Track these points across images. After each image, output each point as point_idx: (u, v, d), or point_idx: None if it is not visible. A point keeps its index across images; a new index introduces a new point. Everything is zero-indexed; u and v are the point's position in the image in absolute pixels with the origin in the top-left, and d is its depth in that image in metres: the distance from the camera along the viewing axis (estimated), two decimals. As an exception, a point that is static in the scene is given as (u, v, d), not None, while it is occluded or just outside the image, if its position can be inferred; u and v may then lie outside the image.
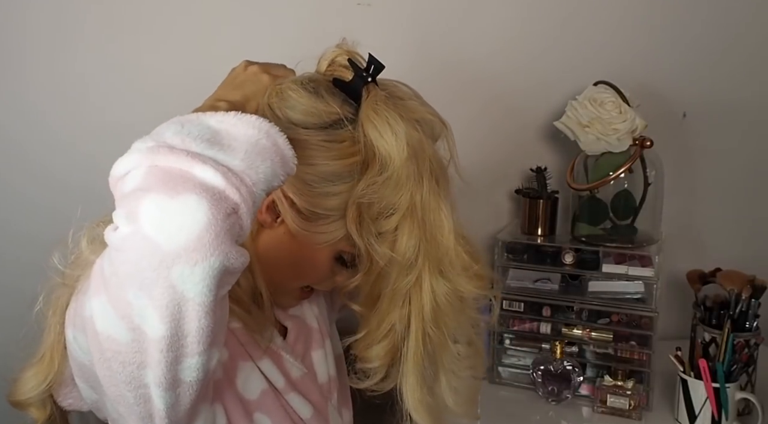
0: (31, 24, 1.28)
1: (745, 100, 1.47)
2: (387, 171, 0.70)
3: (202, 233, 0.52)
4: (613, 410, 1.21)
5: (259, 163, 0.58)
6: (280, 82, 0.75)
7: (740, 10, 1.44)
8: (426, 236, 0.72)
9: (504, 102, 1.44)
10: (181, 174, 0.54)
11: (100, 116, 1.32)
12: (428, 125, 0.74)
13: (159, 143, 0.56)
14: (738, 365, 1.15)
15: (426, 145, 0.72)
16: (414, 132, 0.71)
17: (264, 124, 0.60)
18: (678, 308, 1.42)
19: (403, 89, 0.77)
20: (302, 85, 0.74)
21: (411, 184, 0.70)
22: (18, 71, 1.29)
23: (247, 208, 0.56)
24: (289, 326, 0.88)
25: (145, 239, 0.52)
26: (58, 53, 1.30)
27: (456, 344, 0.78)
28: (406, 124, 0.70)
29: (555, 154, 1.44)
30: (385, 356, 0.76)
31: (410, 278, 0.73)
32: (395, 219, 0.71)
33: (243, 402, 0.76)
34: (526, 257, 1.33)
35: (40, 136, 1.31)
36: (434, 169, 0.72)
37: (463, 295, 0.75)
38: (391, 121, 0.70)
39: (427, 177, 0.71)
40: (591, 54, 1.43)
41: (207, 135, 0.57)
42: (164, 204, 0.53)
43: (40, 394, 0.71)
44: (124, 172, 0.57)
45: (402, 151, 0.69)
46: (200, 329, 0.55)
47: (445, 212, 0.72)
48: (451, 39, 1.41)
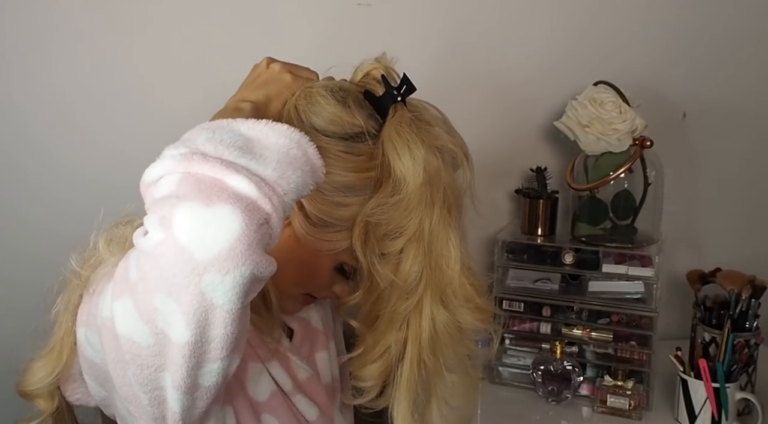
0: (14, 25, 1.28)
1: (745, 100, 1.47)
2: (399, 193, 0.70)
3: (235, 243, 0.53)
4: (613, 410, 1.21)
5: (290, 173, 0.59)
6: (311, 85, 0.75)
7: (740, 10, 1.44)
8: (431, 263, 0.71)
9: (504, 102, 1.44)
10: (215, 183, 0.55)
11: (119, 112, 1.32)
12: (449, 154, 0.74)
13: (192, 150, 0.56)
14: (738, 365, 1.15)
15: (443, 174, 0.71)
16: (433, 159, 0.70)
17: (295, 133, 0.60)
18: (678, 308, 1.42)
19: (432, 113, 0.77)
20: (332, 93, 0.73)
21: (421, 210, 0.70)
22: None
23: (278, 218, 0.57)
24: (295, 328, 0.88)
25: (177, 247, 0.53)
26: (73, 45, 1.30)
27: (451, 374, 0.78)
28: (426, 150, 0.70)
29: (555, 154, 1.44)
30: (379, 377, 0.76)
31: (410, 302, 0.73)
32: (401, 242, 0.71)
33: (252, 404, 0.77)
34: (526, 257, 1.33)
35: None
36: (448, 198, 0.72)
37: (463, 326, 0.75)
38: (411, 145, 0.69)
39: (439, 205, 0.70)
40: (591, 54, 1.43)
41: (239, 143, 0.57)
42: (199, 213, 0.53)
43: (47, 386, 0.72)
44: (156, 177, 0.57)
45: (417, 177, 0.69)
46: (225, 335, 0.56)
47: (454, 242, 0.71)
48: (451, 39, 1.41)
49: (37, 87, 1.30)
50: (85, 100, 1.31)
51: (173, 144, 0.58)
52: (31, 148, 1.30)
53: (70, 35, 1.29)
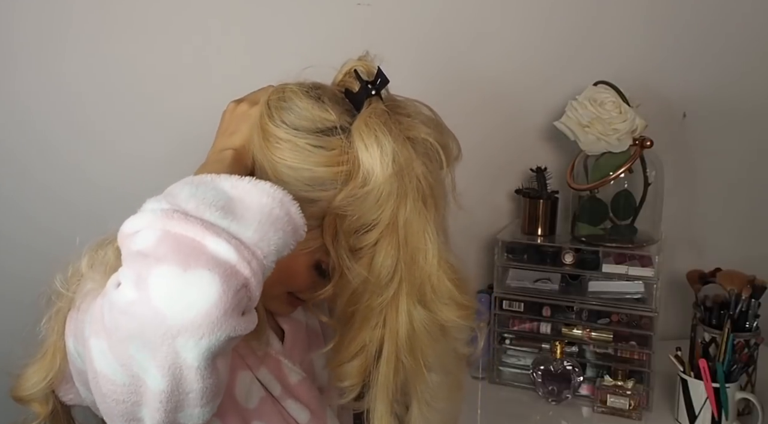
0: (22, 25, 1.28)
1: (745, 100, 1.47)
2: (368, 185, 0.68)
3: (211, 309, 0.52)
4: (613, 410, 1.21)
5: (271, 235, 0.58)
6: (285, 84, 0.74)
7: (740, 10, 1.44)
8: (405, 257, 0.69)
9: (504, 102, 1.44)
10: (194, 245, 0.54)
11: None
12: (423, 146, 0.71)
13: (173, 207, 0.56)
14: (738, 365, 1.15)
15: (416, 164, 0.69)
16: (404, 149, 0.68)
17: (278, 192, 0.60)
18: (678, 308, 1.42)
19: (415, 107, 0.75)
20: (305, 89, 0.73)
21: (392, 202, 0.68)
22: (9, 73, 1.29)
23: (257, 282, 0.56)
24: (287, 330, 0.87)
25: (152, 310, 0.52)
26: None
27: (432, 374, 0.75)
28: (396, 140, 0.68)
29: (555, 154, 1.44)
30: (358, 376, 0.74)
31: (384, 298, 0.70)
32: (372, 236, 0.69)
33: (241, 411, 0.76)
34: (526, 257, 1.33)
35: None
36: (422, 189, 0.69)
37: (443, 324, 0.72)
38: (379, 135, 0.68)
39: (412, 197, 0.68)
40: (591, 54, 1.43)
41: (221, 202, 0.57)
42: (175, 278, 0.53)
43: (42, 390, 0.71)
44: (135, 230, 0.56)
45: (386, 167, 0.67)
46: (203, 388, 0.55)
47: (430, 236, 0.69)
48: (451, 39, 1.41)
49: (44, 86, 1.29)
50: (93, 100, 1.31)
51: (155, 197, 0.57)
52: (40, 148, 1.30)
53: (79, 35, 1.29)
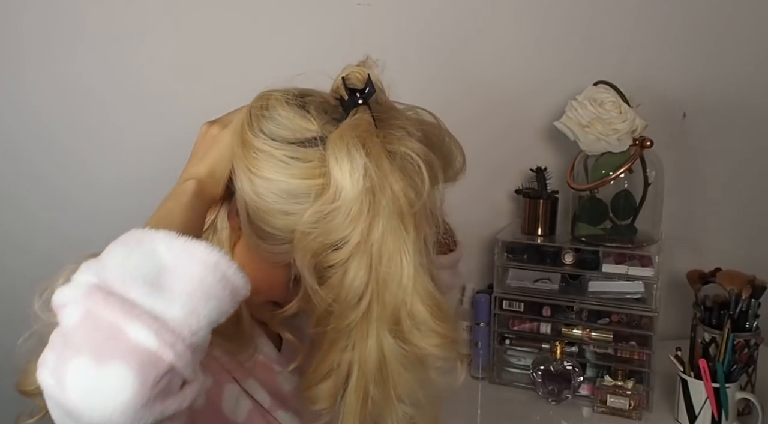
0: (30, 24, 1.28)
1: (745, 100, 1.47)
2: (337, 201, 0.63)
3: (127, 406, 0.51)
4: (613, 410, 1.21)
5: (201, 307, 0.55)
6: (271, 90, 0.71)
7: (740, 10, 1.44)
8: (377, 280, 0.64)
9: (504, 102, 1.44)
10: (112, 333, 0.52)
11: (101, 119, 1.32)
12: (404, 160, 0.65)
13: (100, 281, 0.54)
14: (738, 365, 1.15)
15: (393, 180, 0.64)
16: (381, 164, 0.63)
17: (212, 256, 0.56)
18: (678, 308, 1.42)
19: (405, 118, 0.70)
20: (291, 97, 0.69)
21: (364, 220, 0.63)
22: (15, 72, 1.29)
23: (185, 362, 0.54)
24: (286, 337, 0.84)
25: (69, 403, 0.51)
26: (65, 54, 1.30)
27: (403, 405, 0.70)
28: (372, 154, 0.63)
29: (555, 154, 1.44)
30: (329, 400, 0.70)
31: (351, 320, 0.65)
32: (341, 255, 0.64)
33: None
34: (526, 257, 1.33)
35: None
36: (400, 207, 0.64)
37: (418, 353, 0.67)
38: (351, 148, 0.63)
39: (387, 215, 0.63)
40: (591, 54, 1.43)
41: (150, 274, 0.55)
42: (89, 373, 0.51)
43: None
44: (63, 303, 0.55)
45: (356, 182, 0.62)
46: None
47: (407, 258, 0.64)
48: (451, 39, 1.41)
49: (51, 86, 1.30)
50: (100, 100, 1.32)
51: (91, 262, 0.56)
52: (46, 146, 1.31)
53: (86, 34, 1.30)
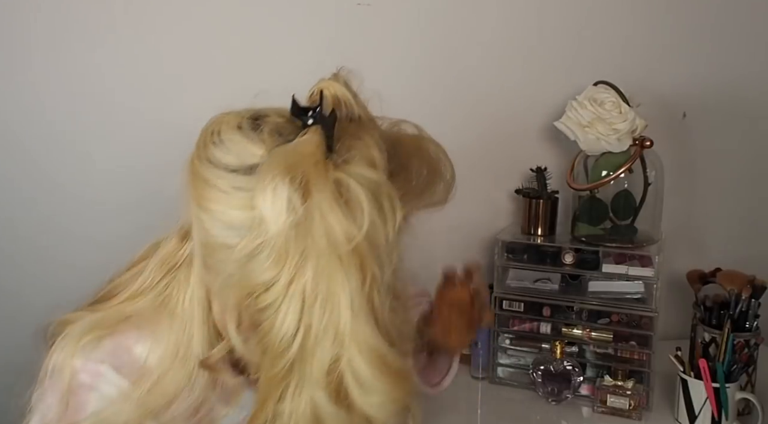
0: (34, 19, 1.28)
1: (745, 100, 1.47)
2: (261, 237, 0.56)
3: None
4: (613, 410, 1.21)
5: None
6: (228, 112, 0.65)
7: (741, 10, 1.44)
8: (309, 327, 0.56)
9: (504, 102, 1.44)
10: None
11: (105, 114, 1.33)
12: (351, 190, 0.56)
13: None
14: (738, 365, 1.15)
15: (329, 214, 0.55)
16: (315, 194, 0.55)
17: None
18: (678, 308, 1.42)
19: (370, 139, 0.60)
20: (244, 120, 0.62)
21: (291, 259, 0.55)
22: (18, 67, 1.30)
23: None
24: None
25: None
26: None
27: None
28: (304, 183, 0.55)
29: (555, 154, 1.44)
30: None
31: (279, 372, 0.58)
32: (269, 297, 0.57)
33: None
34: (526, 257, 1.33)
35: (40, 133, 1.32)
36: (337, 245, 0.55)
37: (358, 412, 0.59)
38: (276, 177, 0.55)
39: (320, 254, 0.55)
40: (591, 54, 1.43)
41: None
42: None
43: None
44: None
45: (278, 216, 0.55)
46: None
47: (345, 302, 0.55)
48: (451, 39, 1.40)
49: (54, 83, 1.31)
50: (99, 99, 1.32)
51: None
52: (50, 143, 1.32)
53: (87, 32, 1.30)
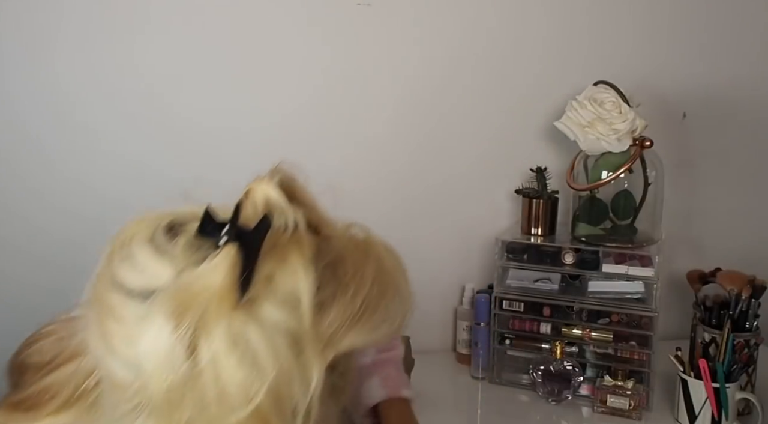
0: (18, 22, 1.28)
1: (745, 100, 1.47)
2: (138, 395, 0.47)
3: None
4: (613, 410, 1.21)
5: None
6: (147, 215, 0.55)
7: (741, 10, 1.44)
8: None
9: (504, 102, 1.44)
10: None
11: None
12: (248, 338, 0.46)
13: None
14: (738, 365, 1.15)
15: (227, 373, 0.45)
16: (209, 346, 0.45)
17: None
18: (678, 308, 1.42)
19: (300, 255, 0.50)
20: (162, 228, 0.52)
21: (175, 417, 0.46)
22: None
23: None
24: None
25: None
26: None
27: None
28: (192, 331, 0.45)
29: (555, 154, 1.44)
30: None
31: None
32: None
33: None
34: (526, 257, 1.33)
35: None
36: (234, 409, 0.46)
37: None
38: (161, 323, 0.45)
39: (210, 420, 0.46)
40: (591, 54, 1.43)
41: None
42: None
43: None
44: None
45: (158, 371, 0.45)
46: None
47: None
48: (451, 39, 1.40)
49: (38, 87, 1.30)
50: (89, 101, 1.32)
51: None
52: (33, 149, 1.31)
53: (74, 34, 1.29)
